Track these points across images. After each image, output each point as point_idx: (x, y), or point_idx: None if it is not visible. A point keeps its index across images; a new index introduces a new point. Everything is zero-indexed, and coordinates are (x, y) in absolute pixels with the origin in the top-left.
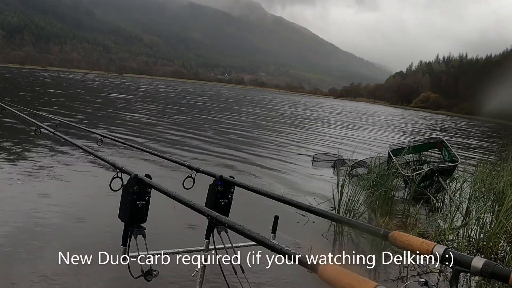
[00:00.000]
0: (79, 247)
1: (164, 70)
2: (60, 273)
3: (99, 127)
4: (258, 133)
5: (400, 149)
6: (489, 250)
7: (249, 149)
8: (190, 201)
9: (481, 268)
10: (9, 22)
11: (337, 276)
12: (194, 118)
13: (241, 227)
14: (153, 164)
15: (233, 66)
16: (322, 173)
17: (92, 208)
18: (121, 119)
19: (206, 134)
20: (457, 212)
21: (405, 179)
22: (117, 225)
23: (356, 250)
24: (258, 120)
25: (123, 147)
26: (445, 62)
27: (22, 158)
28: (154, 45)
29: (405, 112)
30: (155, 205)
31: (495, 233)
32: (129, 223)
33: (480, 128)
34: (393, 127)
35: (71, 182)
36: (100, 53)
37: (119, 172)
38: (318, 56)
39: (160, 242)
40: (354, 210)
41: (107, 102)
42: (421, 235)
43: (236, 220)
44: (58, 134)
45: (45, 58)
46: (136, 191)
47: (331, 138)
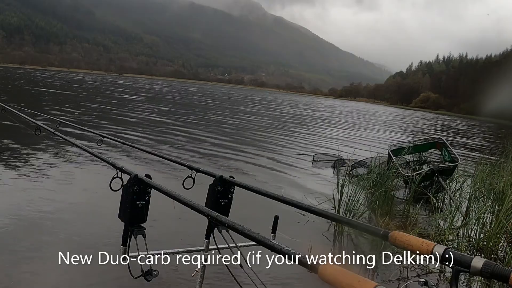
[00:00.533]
0: (79, 247)
1: (164, 70)
2: (60, 273)
3: (129, 132)
4: (260, 132)
5: (400, 149)
6: (489, 250)
7: (249, 148)
8: (190, 201)
9: (481, 268)
10: (9, 22)
11: (337, 276)
12: (199, 118)
13: (241, 227)
14: (154, 164)
15: (233, 66)
16: (322, 173)
17: (92, 208)
18: (139, 119)
19: (209, 135)
20: (457, 212)
21: (405, 179)
22: (117, 225)
23: (356, 250)
24: (259, 121)
25: (124, 147)
26: (445, 62)
27: (22, 158)
28: (154, 45)
29: (406, 112)
30: (156, 205)
31: (495, 233)
32: (129, 223)
33: (480, 128)
34: (397, 127)
35: (71, 182)
36: (100, 53)
37: (119, 172)
38: (318, 56)
39: (160, 242)
40: (354, 210)
41: (123, 103)
42: (421, 235)
43: (236, 220)
44: (58, 134)
45: (45, 58)
46: (136, 191)
47: (338, 138)
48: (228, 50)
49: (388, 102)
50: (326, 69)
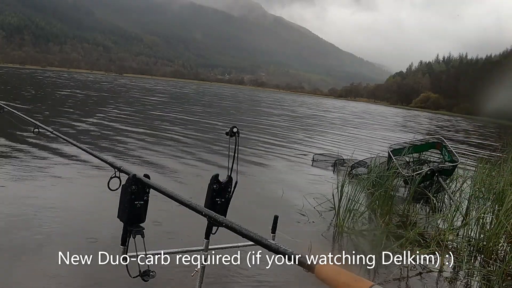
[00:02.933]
0: (79, 247)
1: (164, 70)
2: (60, 273)
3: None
4: (258, 132)
5: (400, 149)
6: (489, 250)
7: (250, 148)
8: (188, 201)
9: None
10: (9, 22)
11: (333, 275)
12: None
13: (238, 227)
14: (154, 164)
15: (233, 66)
16: (322, 173)
17: (92, 208)
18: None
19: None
20: (457, 212)
21: (405, 179)
22: (117, 225)
23: (356, 250)
24: (259, 120)
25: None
26: (445, 62)
27: (21, 157)
28: (154, 45)
29: (407, 112)
30: (156, 205)
31: (495, 233)
32: (128, 223)
33: (480, 128)
34: (410, 127)
35: (70, 182)
36: (100, 53)
37: (117, 171)
38: (318, 56)
39: (160, 242)
40: (354, 210)
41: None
42: (421, 235)
43: (236, 220)
44: (56, 133)
45: (45, 58)
46: (135, 191)
47: (370, 138)
48: (228, 50)
49: (388, 102)
50: (326, 69)
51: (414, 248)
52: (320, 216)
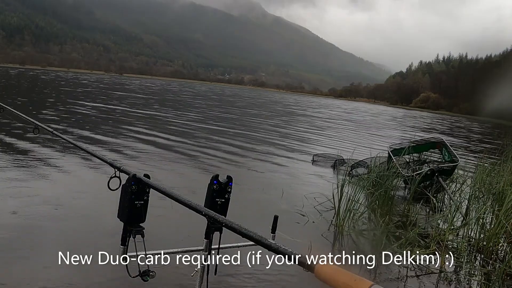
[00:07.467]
0: (79, 247)
1: (164, 70)
2: (60, 273)
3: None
4: (257, 131)
5: (400, 149)
6: (489, 250)
7: (250, 148)
8: (188, 201)
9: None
10: (9, 22)
11: (333, 275)
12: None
13: (238, 227)
14: (154, 162)
15: (233, 66)
16: (322, 173)
17: (92, 208)
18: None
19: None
20: (457, 212)
21: (405, 179)
22: (117, 225)
23: (356, 250)
24: (259, 119)
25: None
26: (445, 62)
27: (21, 157)
28: (154, 45)
29: (407, 112)
30: (156, 205)
31: (495, 233)
32: (128, 223)
33: (480, 128)
34: (405, 127)
35: (69, 182)
36: (100, 53)
37: (117, 171)
38: (318, 56)
39: (160, 242)
40: (354, 210)
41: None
42: (421, 235)
43: (236, 220)
44: (56, 133)
45: (45, 58)
46: (135, 191)
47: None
48: (228, 50)
49: (388, 102)
50: (326, 69)
51: (414, 248)
52: (320, 216)
